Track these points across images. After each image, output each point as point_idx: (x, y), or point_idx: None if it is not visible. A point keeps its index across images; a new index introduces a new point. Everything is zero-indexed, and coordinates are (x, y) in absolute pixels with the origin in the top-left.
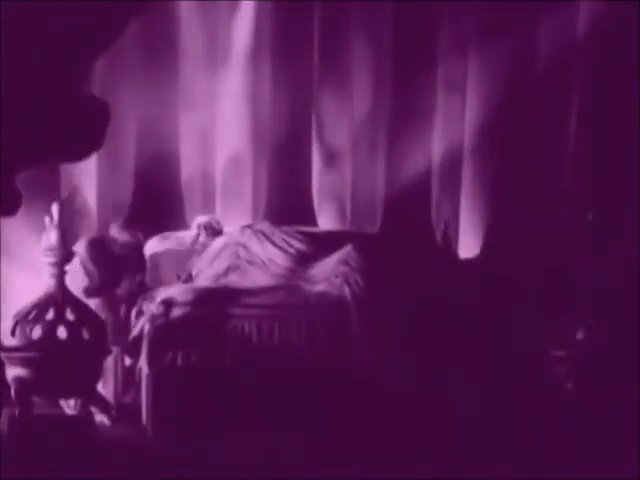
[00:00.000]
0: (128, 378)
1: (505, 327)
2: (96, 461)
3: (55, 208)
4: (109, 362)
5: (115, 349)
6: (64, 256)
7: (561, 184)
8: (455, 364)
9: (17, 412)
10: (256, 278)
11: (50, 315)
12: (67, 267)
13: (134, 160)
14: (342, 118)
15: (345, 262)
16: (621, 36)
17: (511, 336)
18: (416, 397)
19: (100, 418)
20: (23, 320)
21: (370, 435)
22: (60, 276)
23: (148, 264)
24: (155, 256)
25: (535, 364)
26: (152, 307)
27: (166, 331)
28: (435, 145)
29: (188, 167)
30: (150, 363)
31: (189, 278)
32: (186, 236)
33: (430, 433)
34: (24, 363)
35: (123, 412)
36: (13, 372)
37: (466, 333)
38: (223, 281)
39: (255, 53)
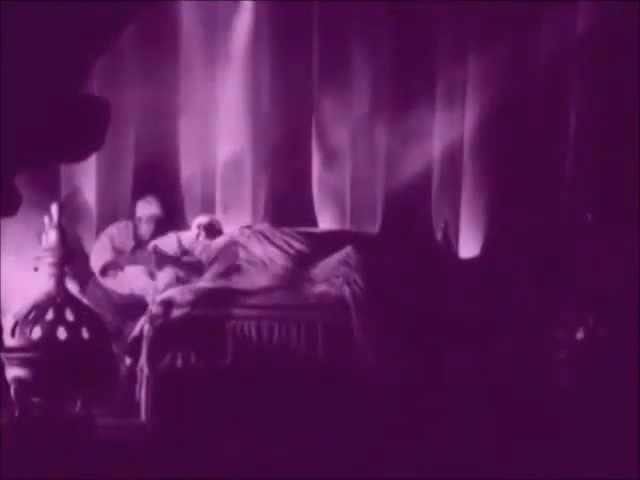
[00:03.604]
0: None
1: (505, 327)
2: (96, 461)
3: (54, 208)
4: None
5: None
6: (63, 256)
7: (561, 184)
8: (455, 364)
9: (16, 413)
10: (256, 279)
11: (50, 315)
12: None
13: (134, 160)
14: (342, 118)
15: (345, 262)
16: (621, 37)
17: (511, 336)
18: (416, 397)
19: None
20: (22, 320)
21: (370, 435)
22: (60, 276)
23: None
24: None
25: (535, 364)
26: (152, 307)
27: (166, 331)
28: (435, 145)
29: (188, 167)
30: (150, 363)
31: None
32: (186, 236)
33: (430, 433)
34: (24, 363)
35: (123, 412)
36: (13, 372)
37: (466, 333)
38: (223, 282)
39: (255, 53)
